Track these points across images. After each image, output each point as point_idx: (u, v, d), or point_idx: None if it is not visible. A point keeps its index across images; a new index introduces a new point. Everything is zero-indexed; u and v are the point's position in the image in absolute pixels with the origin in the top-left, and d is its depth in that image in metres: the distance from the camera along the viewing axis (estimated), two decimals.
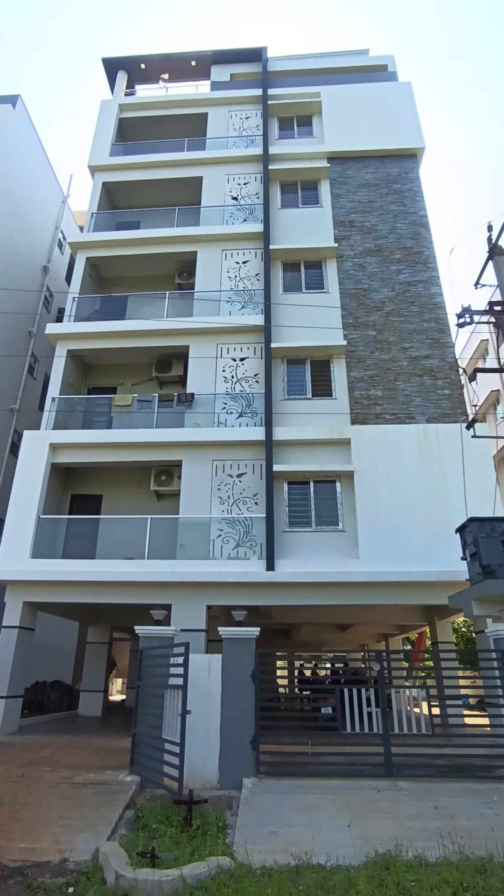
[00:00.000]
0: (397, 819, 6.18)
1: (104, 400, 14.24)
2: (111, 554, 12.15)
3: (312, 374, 13.73)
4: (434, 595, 10.98)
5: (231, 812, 6.61)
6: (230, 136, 17.45)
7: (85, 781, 7.34)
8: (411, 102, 17.11)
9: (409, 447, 12.42)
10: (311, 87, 17.77)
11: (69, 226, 22.31)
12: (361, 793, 6.85)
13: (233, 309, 14.58)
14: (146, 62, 19.42)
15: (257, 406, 13.29)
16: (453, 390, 13.28)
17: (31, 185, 19.39)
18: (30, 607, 11.91)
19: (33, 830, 6.09)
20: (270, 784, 7.17)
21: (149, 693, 8.08)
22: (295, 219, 15.81)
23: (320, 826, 6.07)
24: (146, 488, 13.70)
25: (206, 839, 5.89)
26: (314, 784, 7.09)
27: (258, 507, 12.29)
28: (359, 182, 16.20)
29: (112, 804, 6.71)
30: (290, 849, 5.58)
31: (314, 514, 12.28)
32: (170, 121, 18.34)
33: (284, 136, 17.57)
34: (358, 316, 14.27)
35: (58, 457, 13.13)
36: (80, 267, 15.68)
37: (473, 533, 8.89)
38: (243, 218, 15.98)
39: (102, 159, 17.17)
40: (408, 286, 14.57)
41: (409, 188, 15.97)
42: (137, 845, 5.69)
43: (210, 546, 12.03)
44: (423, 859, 5.35)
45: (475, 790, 6.95)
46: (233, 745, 7.59)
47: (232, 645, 8.15)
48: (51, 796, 6.89)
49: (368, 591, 11.24)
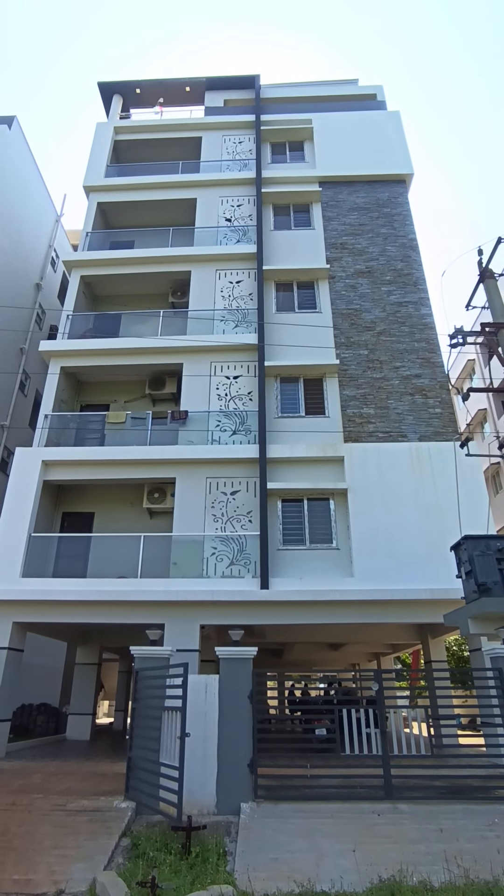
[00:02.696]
0: (400, 843, 6.09)
1: (97, 417, 14.20)
2: (103, 573, 12.00)
3: (306, 393, 13.86)
4: (428, 613, 10.97)
5: (230, 838, 6.46)
6: (224, 160, 17.80)
7: (79, 808, 7.13)
8: (399, 130, 17.65)
9: (402, 465, 12.53)
10: (302, 114, 18.27)
11: (62, 244, 22.45)
12: (362, 816, 6.75)
13: (226, 328, 14.71)
14: (141, 87, 19.82)
15: (251, 424, 13.34)
16: (444, 409, 13.48)
17: (25, 204, 19.53)
18: (19, 628, 11.67)
19: (27, 860, 5.89)
20: (269, 808, 7.03)
21: (144, 715, 7.92)
22: (287, 240, 16.09)
23: (322, 851, 5.96)
24: (139, 506, 13.61)
25: (207, 867, 5.75)
26: (313, 808, 6.97)
27: (252, 524, 12.26)
28: (350, 206, 16.58)
29: (108, 832, 6.53)
30: (293, 875, 5.47)
31: (308, 532, 12.28)
32: (164, 144, 18.69)
33: (277, 160, 17.98)
34: (350, 335, 14.48)
35: (50, 474, 13.01)
36: (75, 285, 15.75)
37: (468, 551, 8.94)
38: (237, 239, 16.23)
39: (97, 180, 17.39)
40: (398, 307, 14.85)
41: (398, 212, 16.38)
42: (136, 874, 5.53)
43: (204, 564, 11.95)
44: (428, 884, 5.28)
45: (475, 812, 6.89)
46: (230, 768, 7.43)
47: (229, 665, 8.03)
48: (44, 824, 6.67)
49: (363, 610, 11.21)
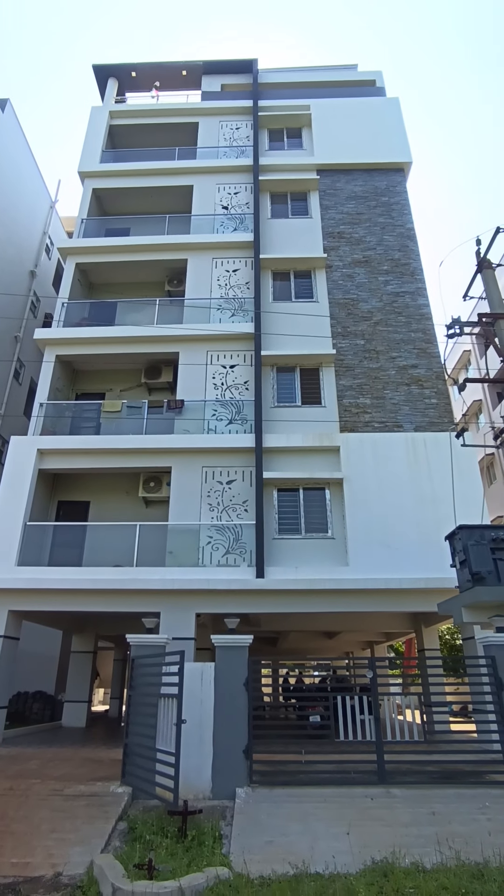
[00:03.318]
0: (393, 826, 6.19)
1: (93, 406, 14.14)
2: (99, 561, 12.03)
3: (302, 382, 13.83)
4: (422, 602, 11.08)
5: (226, 822, 6.55)
6: (221, 147, 17.59)
7: (76, 793, 7.20)
8: (399, 117, 17.48)
9: (398, 455, 12.56)
10: (300, 99, 18.06)
11: (57, 231, 22.20)
12: (355, 800, 6.84)
13: (223, 317, 14.63)
14: (137, 70, 19.51)
15: (247, 413, 13.32)
16: (440, 399, 13.50)
17: (18, 189, 19.27)
18: (15, 616, 11.69)
19: (25, 844, 5.95)
20: (264, 793, 7.12)
21: (141, 702, 7.97)
22: (285, 229, 15.97)
23: (316, 834, 6.05)
24: (134, 495, 13.61)
25: (203, 850, 5.83)
26: (308, 792, 7.07)
27: (248, 514, 12.29)
28: (347, 194, 16.45)
29: (104, 816, 6.60)
30: (287, 857, 5.55)
31: (304, 522, 12.32)
32: (160, 129, 18.44)
33: (275, 147, 17.79)
34: (347, 325, 14.44)
35: (45, 463, 12.97)
36: (70, 272, 15.60)
37: (463, 540, 9.03)
38: (233, 227, 16.09)
39: (93, 166, 17.16)
40: (395, 297, 14.80)
41: (396, 201, 16.28)
42: (133, 857, 5.60)
43: (199, 553, 11.99)
44: (420, 866, 5.37)
45: (467, 796, 7.00)
46: (226, 754, 7.51)
47: (225, 653, 8.09)
48: (41, 809, 6.74)
49: (358, 599, 11.29)
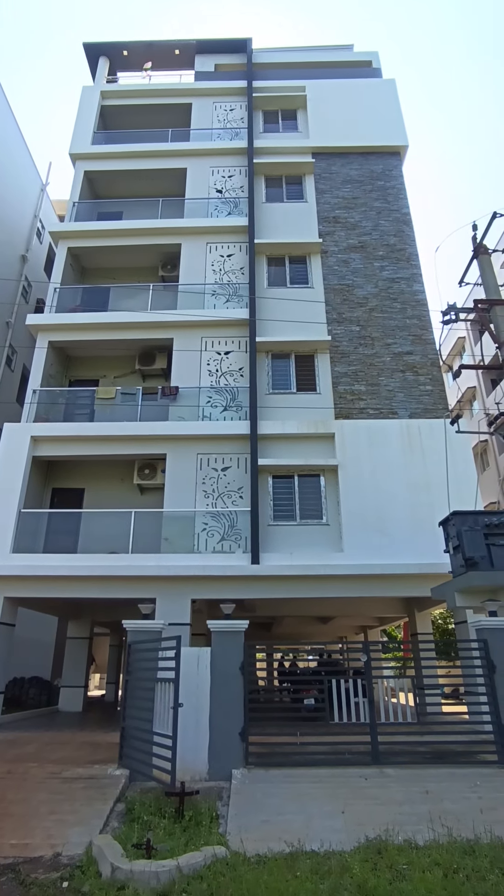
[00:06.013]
0: (386, 805, 6.31)
1: (86, 392, 14.06)
2: (94, 548, 12.05)
3: (297, 369, 13.80)
4: (416, 587, 11.20)
5: (222, 802, 6.65)
6: (214, 128, 17.32)
7: (74, 776, 7.28)
8: (395, 100, 17.24)
9: (393, 442, 12.60)
10: (295, 80, 17.74)
11: (48, 215, 21.83)
12: (350, 780, 6.97)
13: (217, 302, 14.51)
14: (129, 49, 19.09)
15: (242, 400, 13.28)
16: (435, 386, 13.51)
17: (8, 172, 18.89)
18: (10, 603, 11.72)
19: (24, 826, 6.02)
20: (260, 774, 7.24)
21: (138, 687, 8.05)
22: (279, 213, 15.80)
23: (312, 813, 6.16)
24: (129, 482, 13.59)
25: (200, 829, 5.92)
26: (303, 773, 7.19)
27: (243, 500, 12.32)
28: (343, 178, 16.28)
29: (102, 798, 6.68)
30: (283, 836, 5.65)
31: (299, 508, 12.37)
32: (153, 110, 18.11)
33: (269, 129, 17.52)
34: (342, 311, 14.38)
35: (39, 450, 12.92)
36: (62, 257, 15.40)
37: (457, 526, 9.11)
38: (228, 211, 15.90)
39: (84, 147, 16.85)
40: (391, 283, 14.73)
41: (392, 185, 16.12)
42: (131, 837, 5.69)
43: (195, 540, 12.03)
44: (413, 843, 5.49)
45: (459, 775, 7.14)
46: (222, 736, 7.62)
47: (221, 638, 8.17)
48: (40, 791, 6.81)
49: (352, 584, 11.39)
